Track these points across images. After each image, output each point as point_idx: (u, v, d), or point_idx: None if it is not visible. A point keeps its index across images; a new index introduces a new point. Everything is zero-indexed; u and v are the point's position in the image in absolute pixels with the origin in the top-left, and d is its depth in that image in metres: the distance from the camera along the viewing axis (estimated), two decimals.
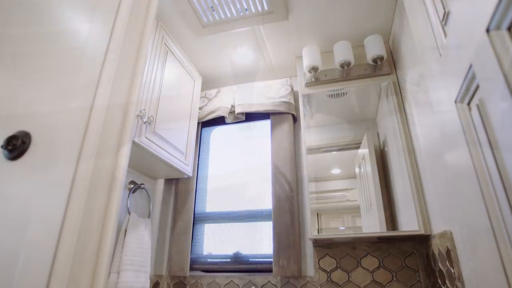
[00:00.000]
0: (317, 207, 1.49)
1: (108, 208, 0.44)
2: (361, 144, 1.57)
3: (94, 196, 0.44)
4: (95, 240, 0.42)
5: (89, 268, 0.42)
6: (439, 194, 1.14)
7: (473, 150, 0.57)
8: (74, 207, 0.42)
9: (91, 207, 0.44)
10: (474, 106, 0.53)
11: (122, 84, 0.58)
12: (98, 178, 0.44)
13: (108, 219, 0.44)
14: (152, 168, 1.56)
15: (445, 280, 1.14)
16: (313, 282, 1.53)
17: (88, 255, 0.41)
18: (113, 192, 0.44)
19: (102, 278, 0.41)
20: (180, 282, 1.71)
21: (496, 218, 0.52)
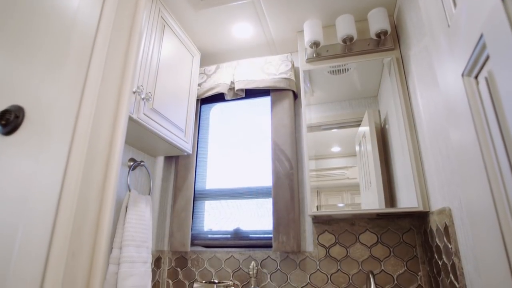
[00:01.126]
0: (316, 184, 1.50)
1: (106, 181, 0.44)
2: (361, 122, 1.56)
3: (91, 169, 0.43)
4: (94, 213, 0.42)
5: (89, 241, 0.41)
6: (440, 171, 1.14)
7: (478, 126, 0.56)
8: (71, 181, 0.41)
9: (89, 180, 0.43)
10: (482, 79, 0.51)
11: (116, 57, 0.56)
12: (95, 152, 0.43)
13: (106, 192, 0.43)
14: (151, 145, 1.55)
15: (442, 255, 1.16)
16: (312, 257, 1.55)
17: (87, 229, 0.41)
18: (110, 165, 0.43)
19: (102, 251, 0.41)
20: (181, 257, 1.74)
21: (500, 196, 0.52)
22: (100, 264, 0.41)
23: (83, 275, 0.40)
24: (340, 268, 1.51)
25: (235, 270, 1.65)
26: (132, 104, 1.24)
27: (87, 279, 0.40)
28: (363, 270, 1.48)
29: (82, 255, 0.40)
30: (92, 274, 0.40)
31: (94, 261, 0.41)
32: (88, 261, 0.40)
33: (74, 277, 0.39)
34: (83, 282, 0.40)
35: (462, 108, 0.60)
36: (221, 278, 1.65)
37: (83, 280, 0.40)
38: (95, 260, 0.41)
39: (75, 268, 0.39)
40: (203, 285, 1.43)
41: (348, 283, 1.48)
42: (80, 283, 0.40)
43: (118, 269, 1.31)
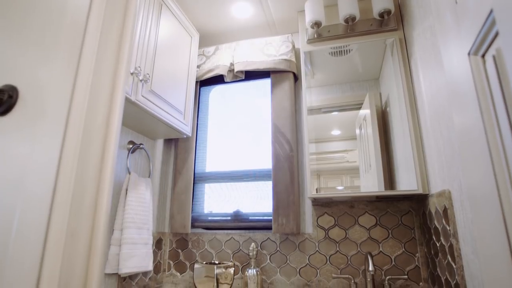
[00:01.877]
0: (316, 168, 1.49)
1: (104, 161, 0.43)
2: (362, 105, 1.54)
3: (88, 149, 0.42)
4: (92, 193, 0.41)
5: (88, 222, 0.41)
6: (441, 154, 1.13)
7: (484, 106, 0.55)
8: (68, 161, 0.40)
9: (86, 160, 0.42)
10: (489, 58, 0.50)
11: (110, 35, 0.54)
12: (91, 132, 0.42)
13: (104, 172, 0.43)
14: (150, 128, 1.54)
15: (440, 236, 1.17)
16: (311, 239, 1.57)
17: (86, 209, 0.41)
18: (108, 145, 0.43)
19: (101, 231, 0.41)
20: (182, 239, 1.77)
21: (503, 178, 0.51)
22: (100, 244, 0.41)
23: (83, 255, 0.40)
24: (339, 249, 1.53)
25: (235, 251, 1.67)
26: (130, 85, 1.22)
27: (87, 259, 0.39)
28: (361, 251, 1.50)
29: (81, 235, 0.39)
30: (91, 254, 0.40)
31: (94, 241, 0.40)
32: (88, 241, 0.40)
33: (74, 257, 0.39)
34: (83, 262, 0.40)
35: (467, 88, 0.59)
36: (222, 259, 1.67)
37: (82, 259, 0.40)
38: (95, 240, 0.40)
39: (74, 248, 0.38)
40: (203, 265, 1.45)
41: (346, 264, 1.50)
42: (80, 262, 0.40)
43: (119, 250, 1.33)
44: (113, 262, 1.32)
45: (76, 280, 0.39)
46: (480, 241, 0.65)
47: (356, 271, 1.48)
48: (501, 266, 0.55)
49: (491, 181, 0.55)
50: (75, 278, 0.39)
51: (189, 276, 1.70)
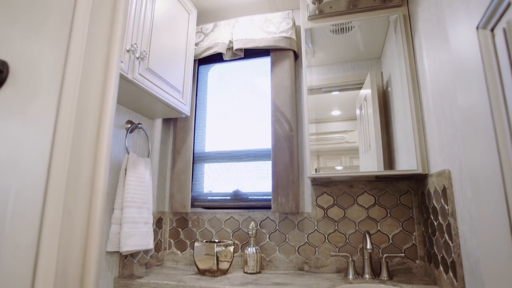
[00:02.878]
0: (316, 148, 1.49)
1: (100, 137, 0.42)
2: (363, 85, 1.51)
3: (83, 125, 0.41)
4: (88, 171, 0.40)
5: (85, 200, 0.40)
6: (442, 134, 1.12)
7: (491, 84, 0.53)
8: (62, 138, 0.39)
9: (81, 136, 0.41)
10: (499, 31, 0.48)
11: (103, 8, 0.52)
12: (85, 108, 0.41)
13: (100, 149, 0.42)
14: (148, 107, 1.52)
15: (438, 216, 1.18)
16: (310, 218, 1.59)
17: (82, 187, 0.40)
18: (103, 121, 0.41)
19: (99, 209, 0.40)
20: (182, 218, 1.78)
21: (507, 158, 0.50)
22: (98, 222, 0.40)
23: (81, 233, 0.39)
24: (338, 228, 1.55)
25: (235, 230, 1.69)
26: (126, 63, 1.19)
27: (85, 237, 0.39)
28: (359, 230, 1.52)
29: (78, 213, 0.39)
30: (90, 232, 0.40)
31: (91, 219, 0.40)
32: (85, 219, 0.40)
33: (72, 235, 0.39)
34: (81, 240, 0.39)
35: (473, 65, 0.57)
36: (221, 238, 1.70)
37: (80, 238, 0.39)
38: (92, 218, 0.40)
39: (71, 226, 0.38)
40: (204, 244, 1.47)
41: (344, 243, 1.52)
42: (78, 241, 0.39)
43: (120, 229, 1.34)
44: (114, 240, 1.33)
45: (74, 258, 0.39)
46: (479, 220, 0.65)
47: (354, 249, 1.50)
48: (501, 243, 0.55)
49: (494, 160, 0.54)
50: (73, 256, 0.39)
51: (189, 254, 1.73)
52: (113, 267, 1.37)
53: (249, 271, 1.48)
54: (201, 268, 1.45)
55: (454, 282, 1.03)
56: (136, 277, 1.39)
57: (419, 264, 1.42)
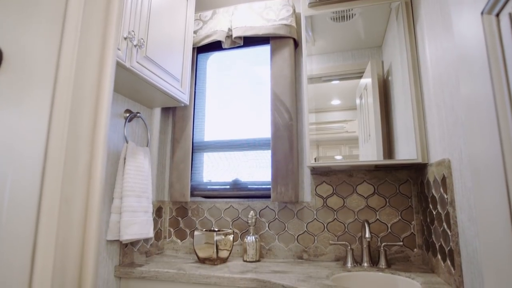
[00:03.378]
0: (315, 138, 1.48)
1: (97, 124, 0.41)
2: (364, 74, 1.50)
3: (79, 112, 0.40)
4: (85, 159, 0.40)
5: (82, 188, 0.40)
6: (442, 123, 1.12)
7: (494, 72, 0.52)
8: (58, 125, 0.38)
9: (77, 124, 0.40)
10: (504, 16, 0.47)
11: None
12: (81, 94, 0.40)
13: (97, 136, 0.41)
14: (147, 96, 1.51)
15: (437, 205, 1.18)
16: (310, 207, 1.59)
17: (80, 175, 0.39)
18: (100, 108, 0.40)
19: (97, 197, 0.40)
20: (182, 207, 1.79)
21: (510, 148, 0.50)
22: (96, 210, 0.40)
23: (79, 221, 0.39)
24: (337, 217, 1.55)
25: (234, 219, 1.70)
26: (124, 51, 1.18)
27: (83, 225, 0.39)
28: (358, 219, 1.53)
29: (76, 201, 0.38)
30: (88, 220, 0.39)
31: (90, 207, 0.40)
32: (83, 207, 0.39)
33: (70, 222, 0.38)
34: (79, 228, 0.39)
35: (477, 52, 0.56)
36: (221, 227, 1.71)
37: (79, 225, 0.39)
38: (90, 206, 0.40)
39: (69, 214, 0.38)
40: (203, 233, 1.48)
41: (343, 231, 1.53)
42: (76, 228, 0.39)
43: (120, 218, 1.34)
44: (114, 229, 1.34)
45: (73, 246, 0.39)
46: (479, 208, 0.65)
47: (353, 238, 1.51)
48: (500, 232, 0.55)
49: (496, 150, 0.53)
50: (72, 244, 0.39)
51: (189, 242, 1.74)
52: (113, 256, 1.38)
53: (248, 260, 1.50)
54: (201, 257, 1.46)
55: (452, 270, 1.04)
56: (136, 265, 1.40)
57: (417, 253, 1.43)
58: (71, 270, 0.37)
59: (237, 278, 1.21)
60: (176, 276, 1.28)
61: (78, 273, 0.38)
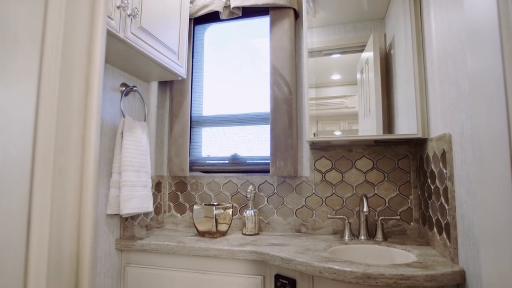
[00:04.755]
0: (315, 113, 1.46)
1: (89, 93, 0.39)
2: (365, 47, 1.46)
3: (69, 81, 0.38)
4: (77, 130, 0.38)
5: (76, 159, 0.39)
6: (445, 97, 1.10)
7: (506, 46, 0.50)
8: (48, 94, 0.36)
9: (67, 92, 0.38)
10: None
11: None
12: (71, 62, 0.38)
13: (90, 105, 0.39)
14: (143, 69, 1.47)
15: (435, 180, 1.18)
16: (308, 182, 1.60)
17: (73, 145, 0.38)
18: (92, 77, 0.38)
19: (92, 168, 0.39)
20: (181, 182, 1.79)
21: None
22: (91, 181, 0.39)
23: (74, 192, 0.38)
24: (335, 192, 1.56)
25: (233, 193, 1.71)
26: (117, 21, 1.13)
27: (78, 195, 0.38)
28: (357, 193, 1.54)
29: (70, 173, 0.37)
30: (83, 191, 0.38)
31: (84, 179, 0.39)
32: (78, 179, 0.38)
33: (64, 194, 0.38)
34: (74, 200, 0.38)
35: (489, 24, 0.53)
36: (220, 201, 1.72)
37: (74, 196, 0.38)
38: (85, 177, 0.39)
39: (63, 185, 0.37)
40: (203, 207, 1.49)
41: (341, 206, 1.55)
42: (71, 200, 0.38)
43: (119, 193, 1.35)
44: (114, 203, 1.35)
45: (69, 218, 0.38)
46: (480, 182, 0.65)
47: (350, 212, 1.53)
48: (500, 205, 0.55)
49: (502, 123, 0.52)
50: (67, 216, 0.38)
51: (189, 216, 1.76)
52: (114, 229, 1.39)
53: (247, 233, 1.52)
54: (200, 230, 1.48)
55: (447, 243, 1.05)
56: (137, 238, 1.42)
57: (413, 226, 1.45)
58: (68, 241, 0.37)
59: (236, 250, 1.23)
60: (176, 249, 1.30)
61: (76, 244, 0.38)
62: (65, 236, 0.37)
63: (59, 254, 0.37)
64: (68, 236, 0.37)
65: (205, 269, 1.27)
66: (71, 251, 0.37)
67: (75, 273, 0.38)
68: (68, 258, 0.37)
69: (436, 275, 0.92)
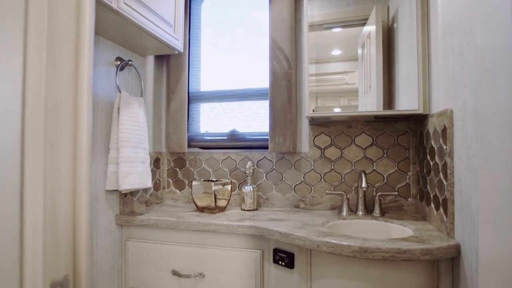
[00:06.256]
0: (314, 90, 1.44)
1: (79, 61, 0.37)
2: (367, 20, 1.41)
3: (57, 52, 0.36)
4: (68, 101, 0.37)
5: (68, 132, 0.37)
6: (448, 71, 1.07)
7: None
8: (34, 63, 0.34)
9: (56, 62, 0.36)
10: None
11: None
12: (58, 28, 0.35)
13: (80, 74, 0.37)
14: (138, 42, 1.42)
15: (435, 156, 1.18)
16: (307, 158, 1.60)
17: (64, 119, 0.36)
18: (81, 44, 0.36)
19: (85, 142, 0.37)
20: (179, 158, 1.79)
21: None
22: (84, 155, 0.38)
23: (68, 165, 0.37)
24: (334, 168, 1.56)
25: (232, 169, 1.71)
26: None
27: (72, 169, 0.37)
28: (355, 170, 1.54)
29: (63, 146, 0.36)
30: (77, 165, 0.37)
31: (78, 153, 0.37)
32: (71, 152, 0.37)
33: (58, 168, 0.36)
34: (68, 173, 0.37)
35: None
36: (219, 177, 1.72)
37: (68, 170, 0.37)
38: (78, 151, 0.37)
39: (56, 159, 0.35)
40: (202, 182, 1.49)
41: (340, 182, 1.55)
42: (65, 174, 0.37)
43: (117, 169, 1.34)
44: (112, 179, 1.34)
45: (63, 191, 0.37)
46: (481, 157, 0.64)
47: (349, 188, 1.54)
48: (502, 180, 0.54)
49: (509, 98, 0.51)
50: (62, 189, 0.37)
51: (188, 192, 1.77)
52: (113, 205, 1.40)
53: (246, 208, 1.53)
54: (199, 206, 1.49)
55: (444, 218, 1.06)
56: (136, 213, 1.43)
57: (411, 202, 1.46)
58: (63, 214, 0.36)
59: (235, 225, 1.24)
60: (175, 224, 1.31)
61: (71, 218, 0.37)
62: (60, 208, 0.36)
63: (55, 228, 0.36)
64: (63, 208, 0.36)
65: (204, 244, 1.29)
66: (67, 223, 0.37)
67: (72, 248, 0.38)
68: (65, 232, 0.37)
69: (432, 248, 0.93)
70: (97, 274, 1.30)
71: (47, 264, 0.35)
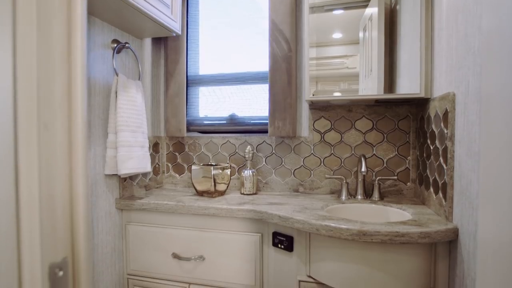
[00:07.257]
0: (314, 74, 1.41)
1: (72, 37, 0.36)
2: (370, 2, 1.37)
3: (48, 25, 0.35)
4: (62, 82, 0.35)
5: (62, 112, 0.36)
6: (451, 54, 1.05)
7: None
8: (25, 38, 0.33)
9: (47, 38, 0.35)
10: None
11: None
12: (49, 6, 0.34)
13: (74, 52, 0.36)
14: (135, 24, 1.39)
15: (435, 140, 1.17)
16: (307, 142, 1.59)
17: (58, 100, 0.35)
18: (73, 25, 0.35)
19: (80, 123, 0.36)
20: (178, 142, 1.78)
21: None
22: (80, 137, 0.37)
23: (63, 147, 0.36)
24: (333, 152, 1.56)
25: (231, 154, 1.70)
26: None
27: (67, 152, 0.36)
28: (355, 154, 1.54)
29: (57, 127, 0.35)
30: (73, 147, 0.36)
31: (73, 135, 0.36)
32: (66, 134, 0.36)
33: (52, 150, 0.36)
34: (63, 155, 0.36)
35: None
36: (218, 162, 1.72)
37: (63, 151, 0.36)
38: (73, 133, 0.36)
39: (50, 140, 0.34)
40: (201, 167, 1.49)
41: (339, 166, 1.55)
42: (60, 155, 0.36)
43: (116, 153, 1.34)
44: (111, 164, 1.34)
45: (59, 172, 0.37)
46: (484, 141, 0.63)
47: (348, 172, 1.54)
48: (505, 163, 0.54)
49: None
50: (57, 170, 0.36)
51: (187, 177, 1.77)
52: (113, 189, 1.40)
53: (245, 192, 1.54)
54: (199, 190, 1.49)
55: (443, 202, 1.07)
56: (136, 198, 1.44)
57: (410, 186, 1.47)
58: (59, 197, 0.36)
59: (235, 209, 1.25)
60: (175, 208, 1.31)
61: (68, 200, 0.37)
62: (57, 189, 0.35)
63: (52, 211, 0.36)
64: (59, 190, 0.35)
65: (204, 227, 1.30)
66: (64, 206, 0.36)
67: (70, 231, 0.37)
68: (62, 214, 0.36)
69: (430, 232, 0.94)
70: (98, 257, 1.32)
71: (45, 246, 0.35)
